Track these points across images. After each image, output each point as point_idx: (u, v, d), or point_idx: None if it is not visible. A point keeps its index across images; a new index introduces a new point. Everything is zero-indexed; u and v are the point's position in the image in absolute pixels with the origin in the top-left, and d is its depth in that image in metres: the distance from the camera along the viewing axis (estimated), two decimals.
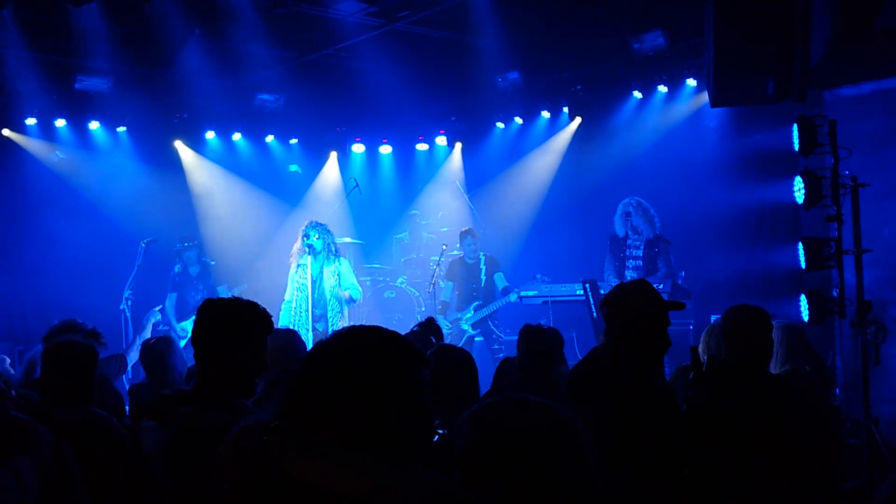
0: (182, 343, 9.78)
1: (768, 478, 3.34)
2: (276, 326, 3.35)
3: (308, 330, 9.53)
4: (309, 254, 9.60)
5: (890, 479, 2.33)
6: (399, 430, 1.91)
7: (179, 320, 10.74)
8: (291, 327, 9.57)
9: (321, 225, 9.82)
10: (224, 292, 10.83)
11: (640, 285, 3.89)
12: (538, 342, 5.17)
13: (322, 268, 9.66)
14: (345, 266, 9.78)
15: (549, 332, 5.35)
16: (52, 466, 3.00)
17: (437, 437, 3.47)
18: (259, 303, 3.27)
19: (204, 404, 3.10)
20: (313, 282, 9.61)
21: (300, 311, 9.65)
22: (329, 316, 9.63)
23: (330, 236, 9.78)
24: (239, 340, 3.15)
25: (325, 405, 1.90)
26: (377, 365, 1.93)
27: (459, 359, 4.51)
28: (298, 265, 9.74)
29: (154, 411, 3.13)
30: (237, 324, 3.17)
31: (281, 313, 9.78)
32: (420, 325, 5.48)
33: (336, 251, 9.80)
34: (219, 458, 2.08)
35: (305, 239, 9.63)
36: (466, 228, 11.44)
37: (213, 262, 11.17)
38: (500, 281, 11.01)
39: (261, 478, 1.85)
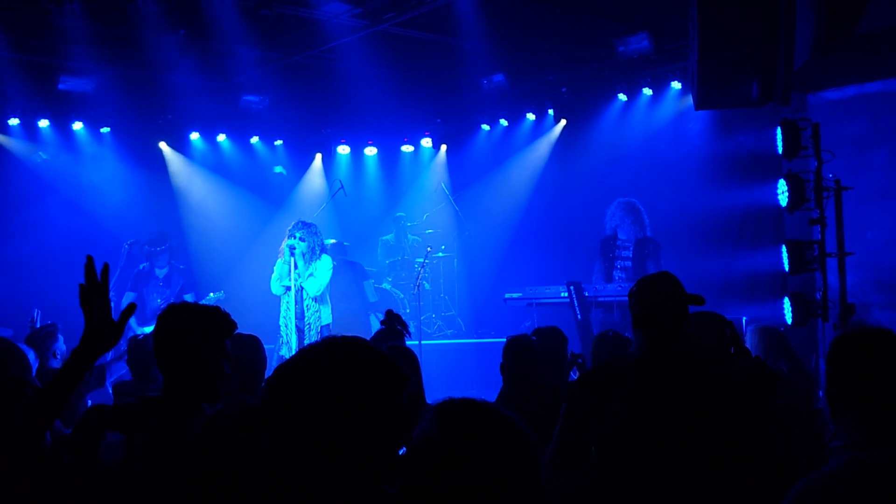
0: None
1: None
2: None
3: (292, 326, 9.48)
4: (290, 255, 9.51)
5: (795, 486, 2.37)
6: (366, 448, 1.93)
7: (140, 324, 10.17)
8: (284, 322, 9.57)
9: (308, 225, 9.68)
10: (191, 301, 10.50)
11: (661, 276, 3.86)
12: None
13: (304, 268, 9.59)
14: (321, 262, 9.69)
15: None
16: None
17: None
18: (246, 301, 3.29)
19: (173, 411, 3.08)
20: (296, 280, 9.55)
21: (288, 307, 9.60)
22: (307, 315, 9.57)
23: (315, 238, 9.67)
24: (203, 344, 3.17)
25: (295, 414, 1.92)
26: (353, 384, 1.94)
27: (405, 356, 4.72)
28: (285, 262, 9.66)
29: (120, 421, 3.08)
30: (200, 327, 3.19)
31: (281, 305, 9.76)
32: (383, 322, 5.45)
33: (321, 253, 9.70)
34: (193, 444, 2.08)
35: (290, 239, 9.55)
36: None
37: (181, 266, 10.95)
38: None
39: (228, 463, 1.85)
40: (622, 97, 11.64)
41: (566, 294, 9.59)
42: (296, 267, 9.46)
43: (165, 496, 2.77)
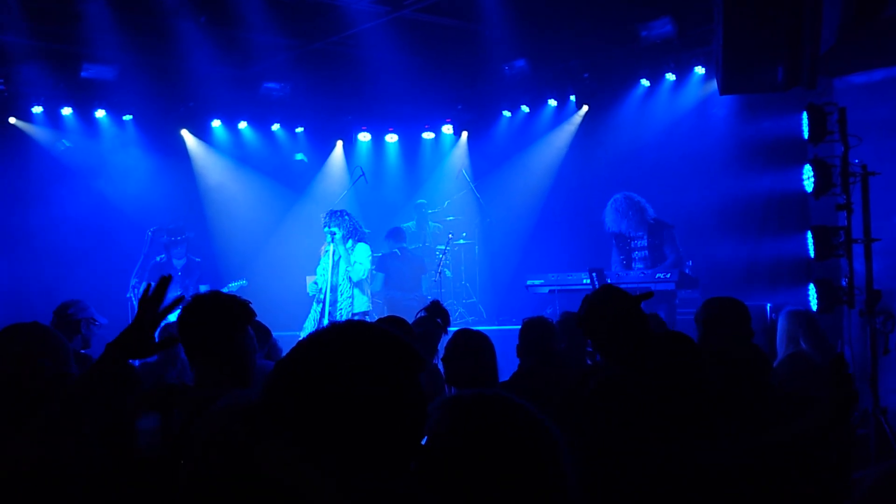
0: None
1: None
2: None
3: (325, 313, 9.56)
4: (331, 242, 9.62)
5: (871, 471, 2.30)
6: (382, 439, 1.80)
7: None
8: (317, 309, 9.66)
9: (336, 212, 9.80)
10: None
11: (605, 291, 3.92)
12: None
13: (341, 253, 9.67)
14: (358, 249, 9.76)
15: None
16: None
17: None
18: (267, 288, 3.31)
19: (203, 397, 3.09)
20: (333, 266, 9.65)
21: (319, 293, 9.72)
22: (339, 301, 9.64)
23: (344, 220, 9.74)
24: (231, 329, 3.25)
25: (304, 403, 1.79)
26: (365, 369, 1.81)
27: (473, 345, 4.72)
28: (325, 252, 9.80)
29: (158, 401, 3.11)
30: (227, 313, 3.27)
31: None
32: (426, 308, 5.47)
33: (355, 235, 9.76)
34: (193, 437, 2.00)
35: (326, 228, 9.65)
36: None
37: (198, 259, 11.01)
38: None
39: (228, 464, 1.78)
40: (645, 83, 11.55)
41: (588, 281, 9.54)
42: (336, 254, 9.56)
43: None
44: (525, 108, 13.10)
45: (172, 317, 3.28)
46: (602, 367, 3.74)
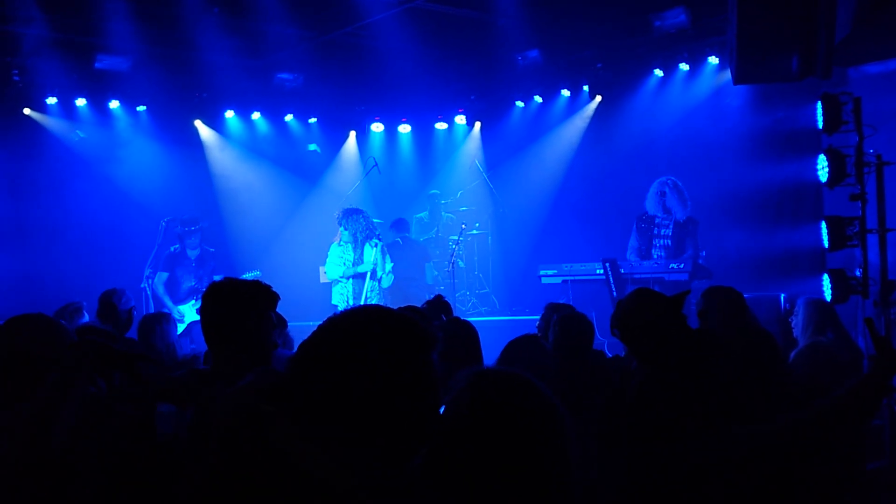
0: (181, 327, 9.81)
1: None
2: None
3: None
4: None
5: None
6: (396, 421, 1.84)
7: (175, 303, 10.36)
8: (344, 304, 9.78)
9: (347, 211, 9.83)
10: None
11: (637, 295, 3.83)
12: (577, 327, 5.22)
13: (378, 258, 9.75)
14: (387, 258, 9.86)
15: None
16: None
17: None
18: (281, 279, 3.31)
19: (224, 383, 3.10)
20: (372, 273, 9.75)
21: (345, 286, 9.79)
22: (370, 298, 9.70)
23: (355, 224, 9.75)
24: (251, 314, 3.23)
25: (326, 384, 1.83)
26: (380, 350, 1.85)
27: (463, 333, 4.75)
28: (339, 245, 9.85)
29: (171, 394, 3.12)
30: (248, 299, 3.26)
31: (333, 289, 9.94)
32: (428, 302, 5.47)
33: (365, 236, 9.79)
34: (211, 418, 2.02)
35: (342, 227, 9.72)
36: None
37: (212, 249, 11.02)
38: None
39: (245, 444, 1.80)
40: (658, 73, 11.52)
41: (601, 271, 9.54)
42: (374, 260, 9.68)
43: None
44: (538, 99, 13.07)
45: (184, 308, 3.29)
46: (640, 372, 3.68)
